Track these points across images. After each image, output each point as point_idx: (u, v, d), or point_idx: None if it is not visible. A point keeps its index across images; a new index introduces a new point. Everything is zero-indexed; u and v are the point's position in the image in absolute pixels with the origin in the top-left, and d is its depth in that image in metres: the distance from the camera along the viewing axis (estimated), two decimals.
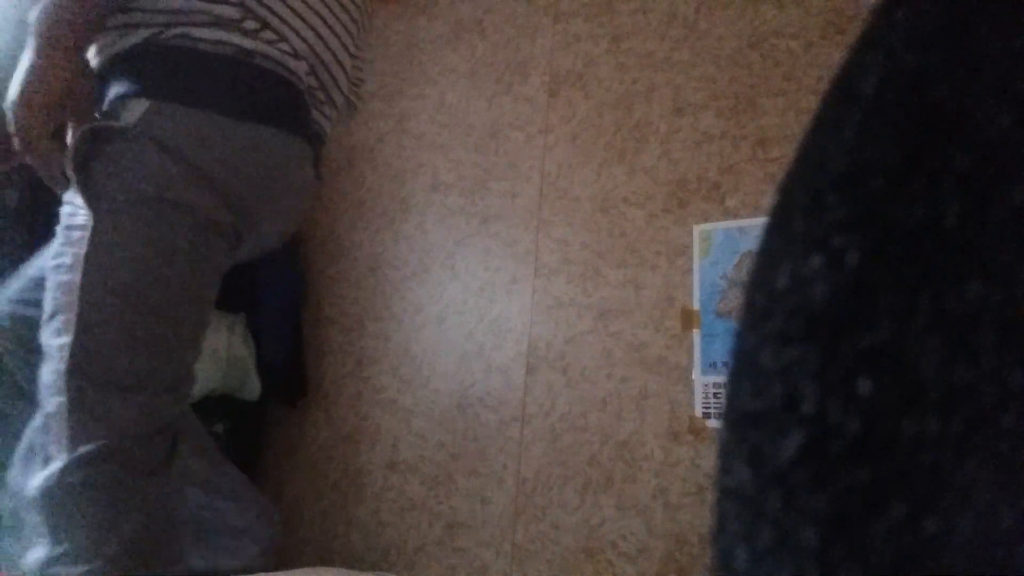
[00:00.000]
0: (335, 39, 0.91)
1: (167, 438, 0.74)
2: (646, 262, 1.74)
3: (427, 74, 2.37)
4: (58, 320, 0.71)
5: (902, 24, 0.20)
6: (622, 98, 1.92)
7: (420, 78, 2.36)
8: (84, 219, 0.72)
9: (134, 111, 0.73)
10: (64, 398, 0.70)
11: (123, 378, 0.70)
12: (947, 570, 0.15)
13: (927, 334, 0.17)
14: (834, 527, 0.16)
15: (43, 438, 0.71)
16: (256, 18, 0.79)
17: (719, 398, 1.54)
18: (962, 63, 0.19)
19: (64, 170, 0.71)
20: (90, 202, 0.71)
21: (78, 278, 0.70)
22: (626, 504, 1.58)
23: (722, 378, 1.56)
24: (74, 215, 0.74)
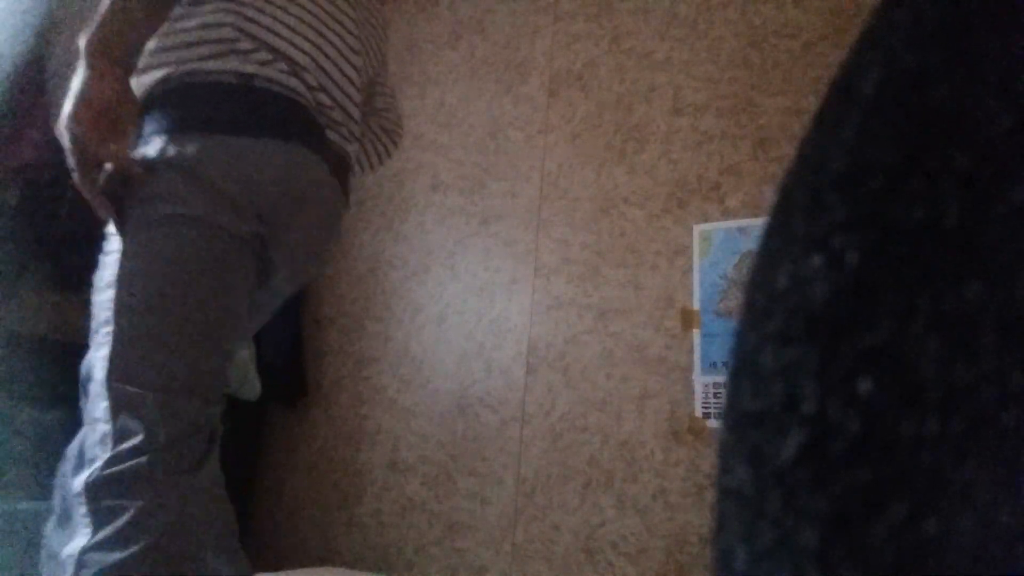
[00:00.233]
0: (335, 53, 0.96)
1: (201, 441, 0.79)
2: (646, 262, 1.74)
3: (427, 74, 2.37)
4: (100, 335, 0.79)
5: (902, 24, 0.20)
6: (622, 98, 1.92)
7: (420, 78, 2.36)
8: (117, 243, 0.81)
9: (154, 146, 0.82)
10: (106, 403, 0.76)
11: (155, 382, 0.76)
12: (947, 570, 0.15)
13: (927, 334, 0.17)
14: (834, 527, 0.16)
15: (90, 440, 0.77)
16: (250, 38, 0.86)
17: (719, 398, 1.54)
18: (962, 63, 0.19)
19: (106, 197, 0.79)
20: (119, 227, 0.80)
21: (113, 295, 0.78)
22: (626, 504, 1.58)
23: (722, 378, 1.56)
24: (110, 241, 0.83)
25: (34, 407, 1.70)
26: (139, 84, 0.86)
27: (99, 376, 0.77)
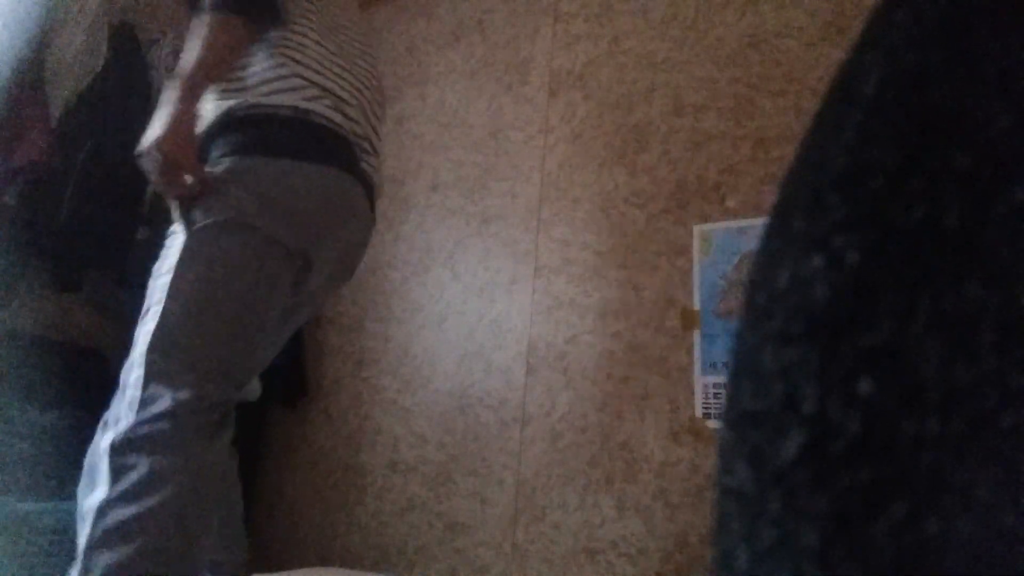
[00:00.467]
0: (367, 91, 1.12)
1: (217, 418, 0.88)
2: (646, 262, 1.74)
3: (427, 74, 2.37)
4: (150, 313, 0.90)
5: (902, 24, 0.20)
6: (622, 98, 1.92)
7: (420, 78, 2.36)
8: (181, 239, 0.93)
9: (223, 165, 0.96)
10: (141, 371, 0.85)
11: (188, 360, 0.86)
12: (947, 570, 0.15)
13: (927, 334, 0.17)
14: (834, 527, 0.16)
15: (120, 406, 0.85)
16: (301, 77, 1.02)
17: (719, 398, 1.54)
18: (962, 63, 0.19)
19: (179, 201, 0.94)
20: (186, 226, 0.93)
21: (169, 280, 0.90)
22: (626, 504, 1.58)
23: (722, 378, 1.56)
24: (175, 236, 0.96)
25: (34, 407, 1.70)
26: (203, 112, 1.00)
27: (140, 348, 0.87)
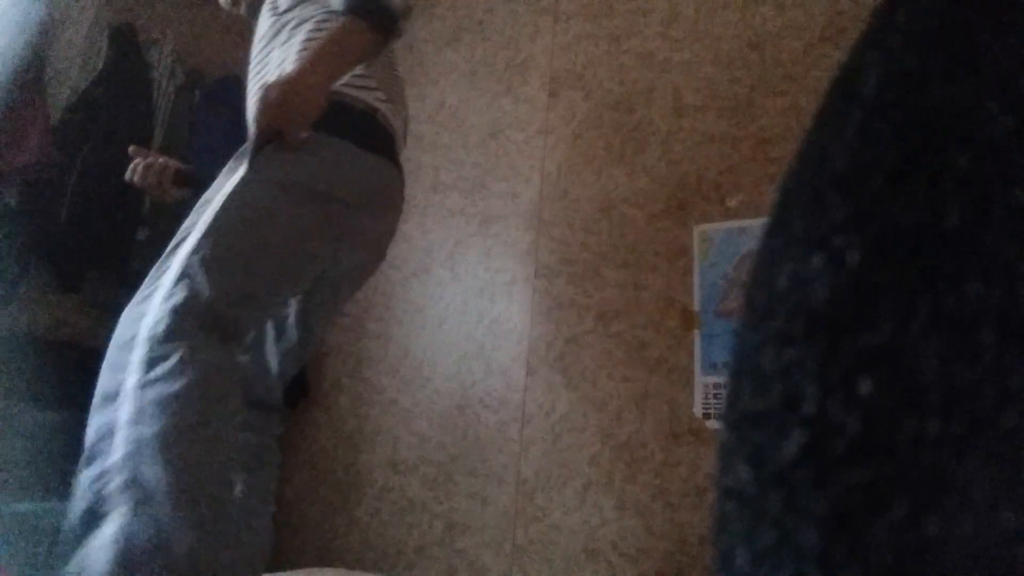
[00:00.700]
0: (402, 100, 1.30)
1: (231, 326, 0.96)
2: (646, 263, 1.74)
3: (427, 74, 2.37)
4: (196, 229, 1.00)
5: (902, 24, 0.20)
6: (622, 99, 1.92)
7: (420, 78, 2.36)
8: (241, 173, 1.03)
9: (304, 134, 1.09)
10: (178, 271, 0.93)
11: (222, 266, 0.95)
12: (948, 570, 0.15)
13: (927, 334, 0.17)
14: (835, 527, 0.16)
15: (156, 298, 0.93)
16: (376, 79, 1.20)
17: (719, 398, 1.54)
18: (962, 63, 0.19)
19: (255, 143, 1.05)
20: (251, 164, 1.03)
21: (225, 203, 1.00)
22: (626, 504, 1.58)
23: (722, 379, 1.56)
24: (232, 172, 1.08)
25: (34, 407, 1.70)
26: None
27: (183, 253, 0.95)
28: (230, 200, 1.00)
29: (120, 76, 2.10)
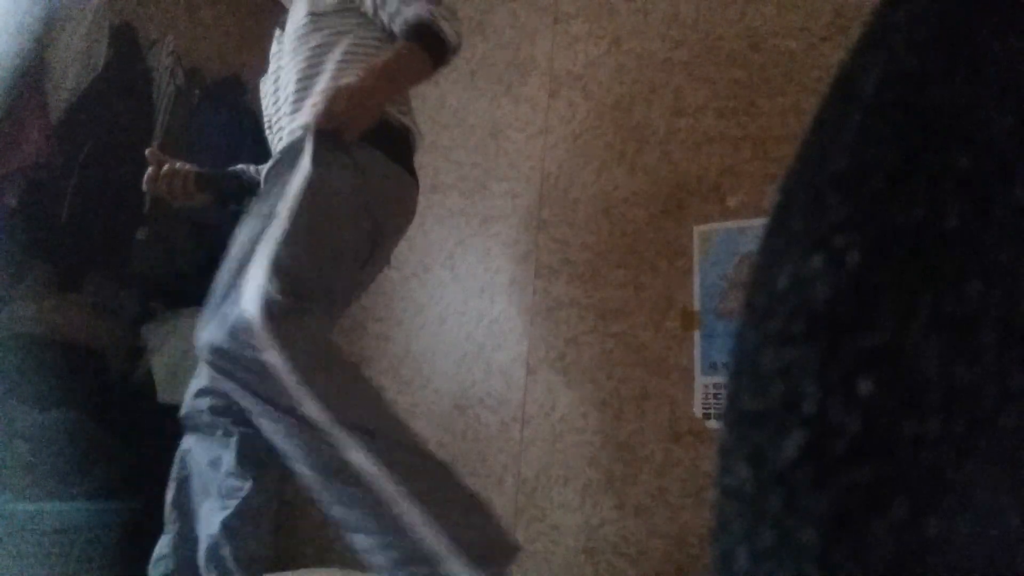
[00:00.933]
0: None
1: (310, 304, 1.05)
2: (646, 263, 1.74)
3: None
4: (276, 220, 1.08)
5: (902, 24, 0.20)
6: (622, 99, 1.92)
7: None
8: (306, 171, 1.10)
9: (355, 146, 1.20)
10: (269, 249, 1.03)
11: (298, 258, 1.04)
12: (948, 570, 0.15)
13: (928, 334, 0.17)
14: (835, 527, 0.16)
15: (253, 284, 1.01)
16: (405, 104, 1.35)
17: (719, 398, 1.54)
18: (962, 63, 0.19)
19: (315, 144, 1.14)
20: (314, 163, 1.10)
21: (301, 198, 1.08)
22: (626, 505, 1.58)
23: (722, 378, 1.56)
24: (297, 172, 1.14)
25: (34, 407, 1.70)
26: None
27: (272, 234, 1.04)
28: (306, 202, 1.08)
29: (120, 76, 2.10)
